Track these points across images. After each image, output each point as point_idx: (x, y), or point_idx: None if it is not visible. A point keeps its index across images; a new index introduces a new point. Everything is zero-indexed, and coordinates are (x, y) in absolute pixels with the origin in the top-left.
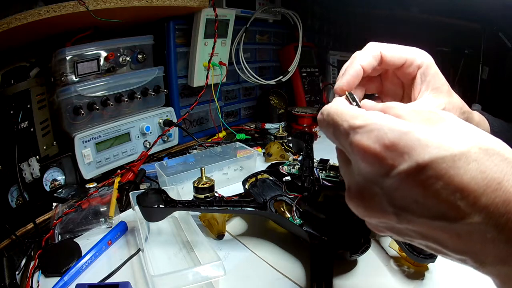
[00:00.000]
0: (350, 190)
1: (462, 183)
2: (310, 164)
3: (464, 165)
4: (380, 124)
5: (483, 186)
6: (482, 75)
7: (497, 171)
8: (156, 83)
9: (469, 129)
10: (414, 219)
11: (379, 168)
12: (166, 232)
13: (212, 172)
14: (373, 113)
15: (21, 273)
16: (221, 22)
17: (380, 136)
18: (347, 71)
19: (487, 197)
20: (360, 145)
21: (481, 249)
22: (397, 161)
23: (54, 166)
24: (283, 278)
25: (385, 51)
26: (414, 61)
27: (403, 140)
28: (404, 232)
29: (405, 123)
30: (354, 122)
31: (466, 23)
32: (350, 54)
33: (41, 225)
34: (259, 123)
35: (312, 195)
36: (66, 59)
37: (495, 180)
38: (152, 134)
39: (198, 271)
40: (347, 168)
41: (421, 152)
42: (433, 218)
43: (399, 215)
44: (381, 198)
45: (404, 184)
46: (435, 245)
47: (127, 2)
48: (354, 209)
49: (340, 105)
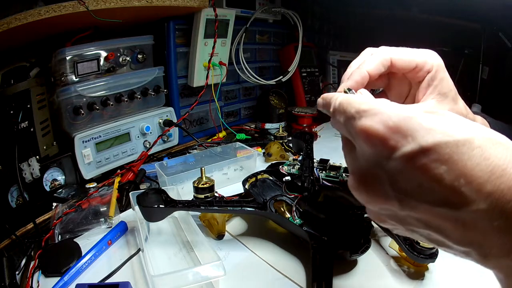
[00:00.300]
0: (354, 175)
1: (466, 168)
2: (310, 164)
3: (468, 151)
4: (385, 108)
5: (488, 172)
6: (482, 75)
7: (501, 158)
8: (156, 83)
9: (471, 122)
10: (417, 205)
11: (382, 150)
12: (166, 232)
13: (212, 172)
14: (379, 100)
15: (21, 273)
16: (221, 22)
17: (384, 119)
18: (352, 76)
19: (492, 184)
20: (364, 127)
21: (486, 240)
22: (401, 143)
23: (54, 166)
24: (283, 278)
25: (396, 56)
26: (424, 66)
27: (407, 123)
28: (406, 220)
29: (410, 109)
30: (360, 107)
31: (466, 23)
32: (350, 54)
33: (41, 225)
34: (259, 123)
35: (312, 195)
36: (66, 59)
37: (500, 166)
38: (152, 134)
39: (198, 271)
40: (352, 155)
41: (425, 135)
42: (437, 204)
43: (402, 200)
44: (384, 182)
45: (407, 167)
46: (438, 236)
47: (127, 2)
48: (357, 194)
49: (349, 95)
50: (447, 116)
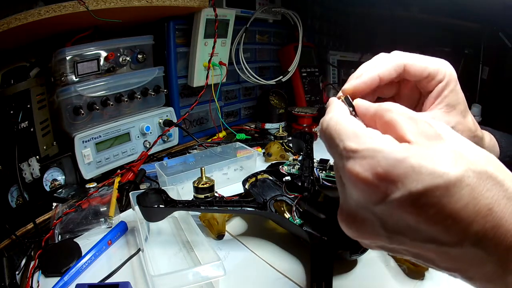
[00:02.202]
0: (343, 211)
1: (454, 210)
2: (310, 164)
3: (458, 191)
4: (375, 151)
5: (475, 212)
6: (482, 75)
7: (489, 197)
8: (156, 83)
9: (464, 148)
10: (406, 241)
11: (371, 196)
12: (166, 232)
13: (212, 172)
14: (370, 134)
15: (21, 273)
16: (221, 22)
17: (373, 165)
18: (362, 77)
19: (478, 223)
20: (352, 172)
21: (470, 269)
22: (390, 190)
23: (54, 166)
24: (283, 278)
25: (410, 62)
26: (437, 75)
27: (397, 168)
28: (396, 250)
29: (400, 148)
30: (349, 145)
31: (466, 23)
32: (350, 54)
33: (41, 225)
34: (259, 123)
35: (312, 195)
36: (66, 59)
37: (487, 206)
38: (152, 134)
39: (198, 271)
40: (342, 187)
41: (415, 180)
42: (425, 241)
43: (391, 238)
44: (373, 222)
45: (397, 211)
46: (426, 263)
47: (127, 2)
48: (346, 230)
49: (340, 120)
50: (439, 144)
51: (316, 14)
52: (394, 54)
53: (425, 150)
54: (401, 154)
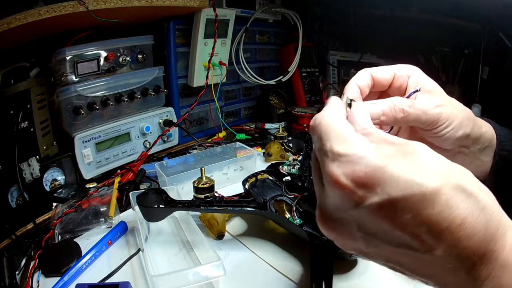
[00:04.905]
0: (321, 212)
1: (429, 217)
2: (310, 164)
3: (435, 200)
4: (358, 157)
5: (449, 221)
6: (482, 75)
7: (463, 208)
8: (156, 83)
9: (440, 163)
10: (381, 244)
11: (349, 200)
12: (166, 232)
13: (212, 172)
14: (356, 139)
15: (21, 273)
16: (221, 22)
17: (355, 171)
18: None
19: (451, 232)
20: (334, 176)
21: (442, 277)
22: (369, 195)
23: (54, 166)
24: (283, 278)
25: (374, 72)
26: (402, 72)
27: (377, 174)
28: (370, 255)
29: (382, 156)
30: (335, 147)
31: (466, 23)
32: (350, 54)
33: (41, 225)
34: (259, 123)
35: (312, 195)
36: (66, 59)
37: (460, 215)
38: (152, 134)
39: (198, 271)
40: (320, 187)
41: (393, 187)
42: (399, 246)
43: (367, 241)
44: (350, 224)
45: (373, 216)
46: (398, 267)
47: (127, 2)
48: (323, 230)
49: (332, 120)
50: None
51: (316, 14)
52: (359, 71)
53: (404, 162)
54: (382, 162)
